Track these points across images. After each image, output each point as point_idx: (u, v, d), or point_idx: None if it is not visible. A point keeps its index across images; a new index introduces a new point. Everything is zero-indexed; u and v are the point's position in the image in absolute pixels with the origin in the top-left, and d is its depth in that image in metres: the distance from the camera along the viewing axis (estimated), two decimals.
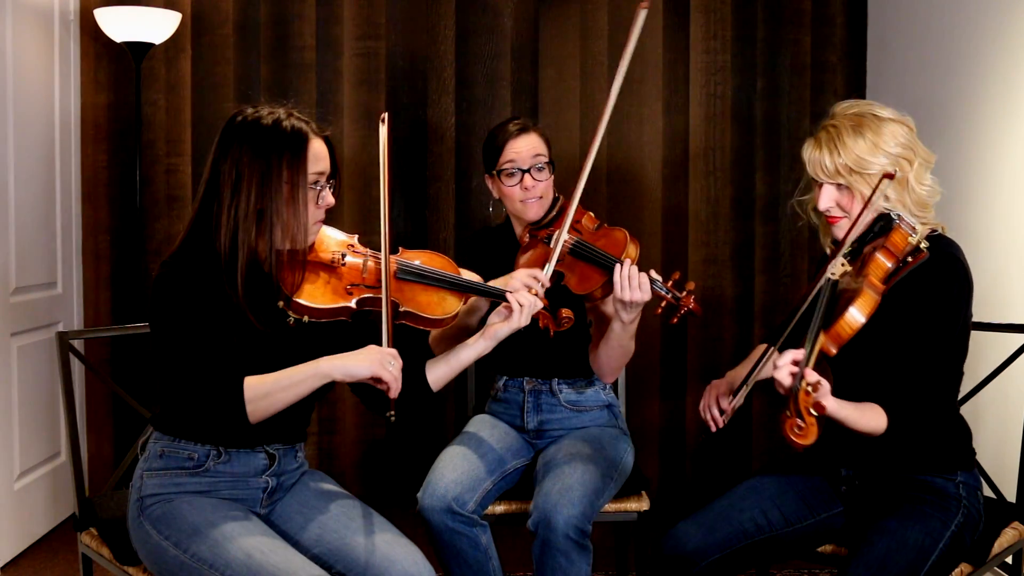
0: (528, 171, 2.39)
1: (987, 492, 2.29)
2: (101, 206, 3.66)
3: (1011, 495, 2.23)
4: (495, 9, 3.67)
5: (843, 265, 1.90)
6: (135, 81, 3.42)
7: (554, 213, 2.44)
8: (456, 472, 2.27)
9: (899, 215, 1.90)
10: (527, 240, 2.40)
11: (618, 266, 2.16)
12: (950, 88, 3.05)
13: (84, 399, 3.66)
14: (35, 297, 3.33)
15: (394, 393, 1.81)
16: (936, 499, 1.94)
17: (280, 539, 1.85)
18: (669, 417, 3.76)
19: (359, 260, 1.96)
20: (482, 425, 2.49)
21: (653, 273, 2.17)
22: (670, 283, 2.17)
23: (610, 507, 2.36)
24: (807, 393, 1.72)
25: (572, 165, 3.66)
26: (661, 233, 3.71)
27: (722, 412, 2.08)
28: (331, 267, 1.93)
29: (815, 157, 1.96)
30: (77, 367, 3.32)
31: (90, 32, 3.57)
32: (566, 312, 2.09)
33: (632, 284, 2.14)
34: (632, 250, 2.22)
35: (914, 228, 1.89)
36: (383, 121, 1.91)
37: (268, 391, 1.79)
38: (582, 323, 2.44)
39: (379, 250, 1.95)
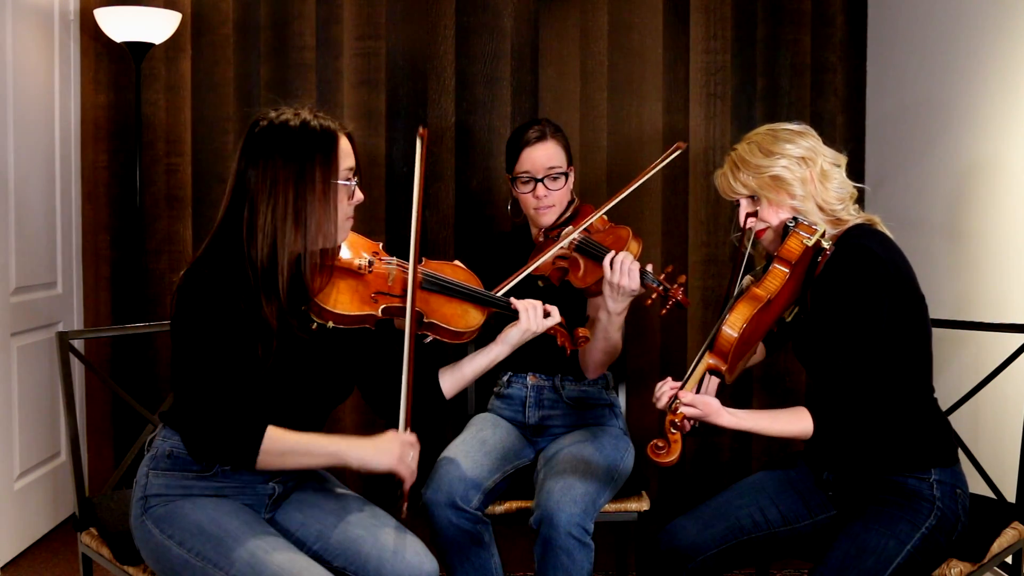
0: (542, 180, 2.40)
1: (987, 492, 2.30)
2: (101, 206, 3.66)
3: (1011, 495, 2.23)
4: (495, 9, 3.67)
5: (751, 280, 1.98)
6: (135, 81, 3.42)
7: (568, 214, 2.45)
8: (460, 469, 2.28)
9: (796, 219, 1.96)
10: (541, 241, 2.43)
11: (611, 252, 2.19)
12: (950, 88, 3.05)
13: (84, 399, 3.65)
14: (35, 297, 3.33)
15: (408, 485, 1.82)
16: (906, 501, 1.92)
17: (284, 539, 1.85)
18: None
19: (385, 268, 1.95)
20: (484, 423, 2.50)
21: (648, 267, 2.20)
22: (663, 276, 2.19)
23: (610, 507, 2.36)
24: (673, 412, 1.82)
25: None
26: (661, 233, 3.71)
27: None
28: (358, 273, 1.92)
29: (722, 181, 2.06)
30: (77, 367, 3.32)
31: (90, 32, 3.57)
32: (583, 331, 2.11)
33: (623, 269, 2.16)
34: (634, 247, 2.26)
35: (812, 230, 1.94)
36: (421, 137, 1.91)
37: (285, 451, 1.79)
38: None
39: (404, 258, 1.95)
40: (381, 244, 2.02)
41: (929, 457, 1.95)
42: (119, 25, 3.28)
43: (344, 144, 1.87)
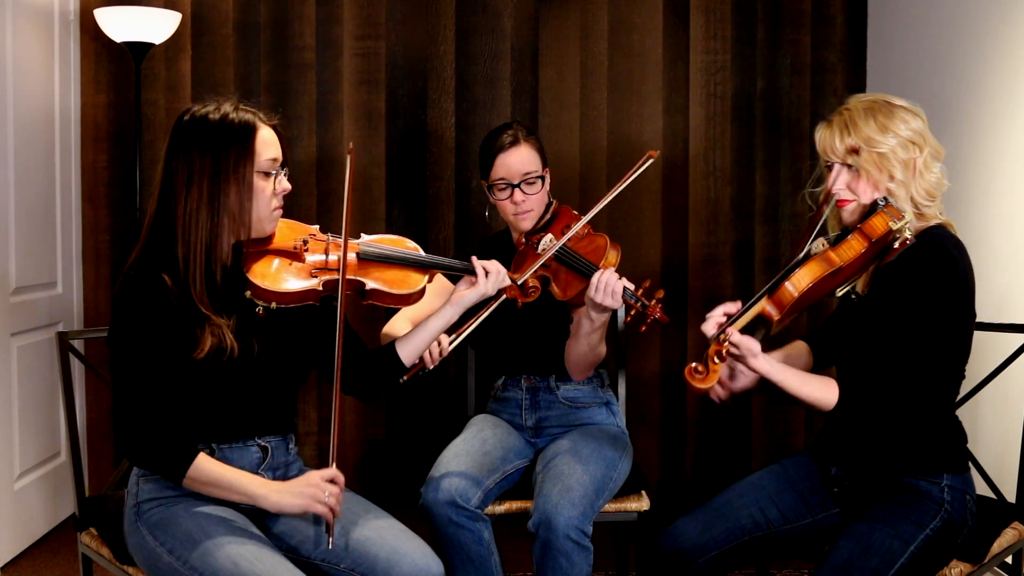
0: (518, 186, 2.40)
1: (987, 492, 2.30)
2: (101, 206, 3.66)
3: (1011, 495, 2.23)
4: (495, 9, 3.67)
5: (823, 245, 1.95)
6: (135, 81, 3.42)
7: (548, 217, 2.45)
8: (460, 467, 2.28)
9: (887, 199, 1.93)
10: (523, 245, 2.42)
11: (596, 272, 2.19)
12: (950, 88, 3.05)
13: (84, 399, 3.66)
14: (35, 297, 3.33)
15: (330, 520, 1.84)
16: (914, 501, 1.92)
17: (271, 547, 1.85)
18: (669, 417, 3.76)
19: (322, 245, 1.99)
20: (484, 424, 2.50)
21: (625, 281, 2.18)
22: (640, 291, 2.18)
23: (610, 507, 2.36)
24: (719, 343, 1.84)
25: (572, 166, 3.66)
26: (661, 233, 3.71)
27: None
28: (295, 254, 1.95)
29: (826, 138, 1.98)
30: (77, 367, 3.32)
31: (90, 32, 3.57)
32: (532, 281, 2.12)
33: (607, 290, 2.16)
34: (612, 256, 2.25)
35: (901, 215, 1.90)
36: (349, 152, 1.97)
37: (209, 481, 1.83)
38: (568, 321, 2.45)
39: (339, 236, 1.99)
40: (317, 227, 2.04)
41: (942, 462, 1.95)
42: (119, 25, 3.28)
43: (265, 135, 1.89)
